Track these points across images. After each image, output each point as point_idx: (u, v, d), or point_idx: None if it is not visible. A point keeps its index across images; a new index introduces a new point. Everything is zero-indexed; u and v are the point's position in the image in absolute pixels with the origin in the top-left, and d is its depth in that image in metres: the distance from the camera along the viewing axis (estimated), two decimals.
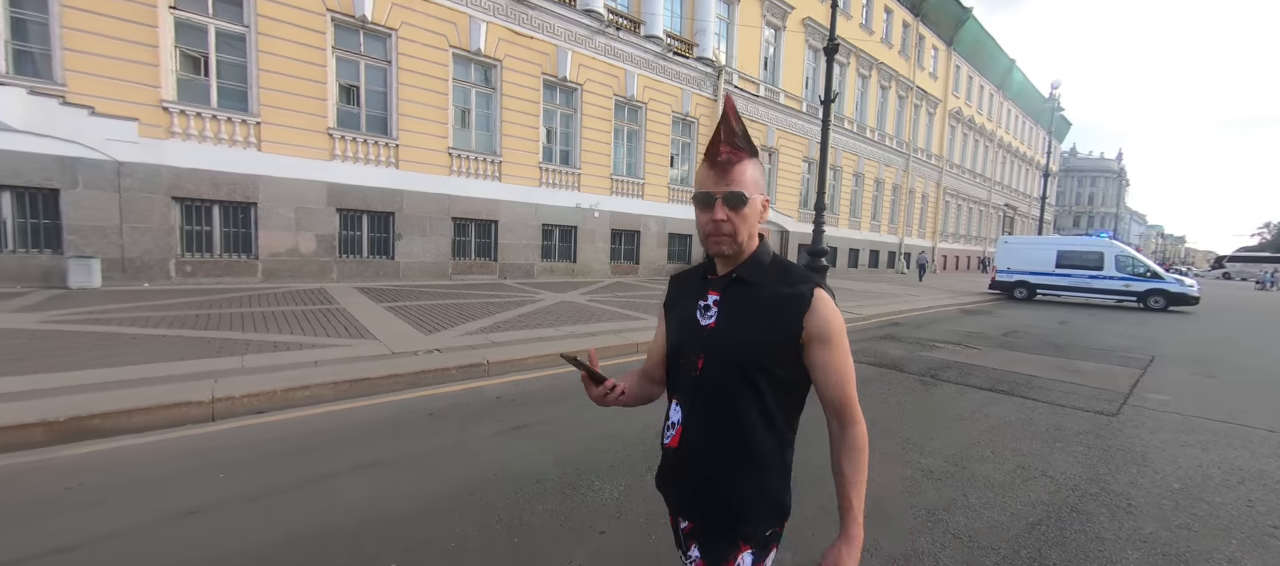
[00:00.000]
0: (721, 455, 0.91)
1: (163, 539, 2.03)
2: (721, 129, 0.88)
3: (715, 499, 0.92)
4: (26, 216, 7.59)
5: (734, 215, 0.88)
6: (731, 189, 0.87)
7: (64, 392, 3.21)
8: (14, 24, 7.42)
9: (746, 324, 0.90)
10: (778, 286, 0.90)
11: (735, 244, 0.90)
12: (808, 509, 2.39)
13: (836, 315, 0.89)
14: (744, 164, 0.88)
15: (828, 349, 0.87)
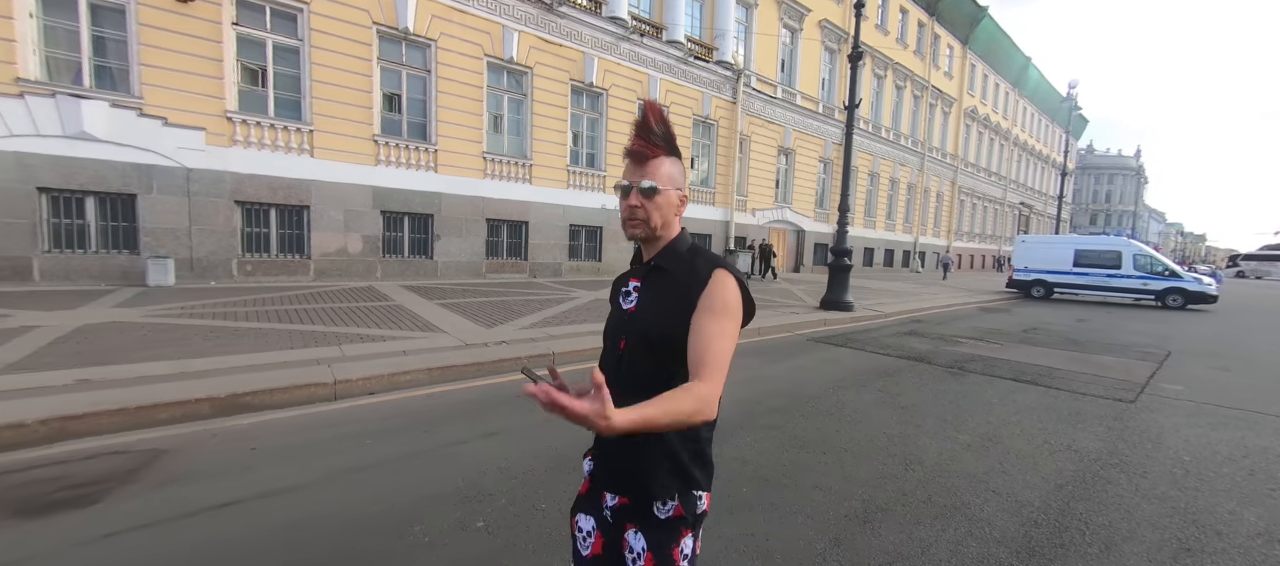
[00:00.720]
0: (634, 433, 0.95)
1: (342, 490, 2.51)
2: (638, 127, 0.96)
3: (635, 471, 0.96)
4: (107, 219, 8.22)
5: (647, 203, 0.96)
6: (645, 180, 0.95)
7: (208, 375, 3.73)
8: (95, 42, 8.03)
9: (659, 306, 0.96)
10: (687, 270, 0.96)
11: (648, 228, 0.97)
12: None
13: (728, 293, 0.92)
14: (660, 160, 0.96)
15: (705, 316, 0.90)
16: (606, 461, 1.01)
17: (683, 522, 0.95)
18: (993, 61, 32.94)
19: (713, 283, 0.92)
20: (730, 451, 3.12)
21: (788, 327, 7.71)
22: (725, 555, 2.05)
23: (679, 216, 1.01)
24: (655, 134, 0.96)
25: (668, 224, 0.99)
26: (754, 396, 4.31)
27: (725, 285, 0.92)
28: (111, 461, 2.66)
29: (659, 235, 0.99)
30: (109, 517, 2.17)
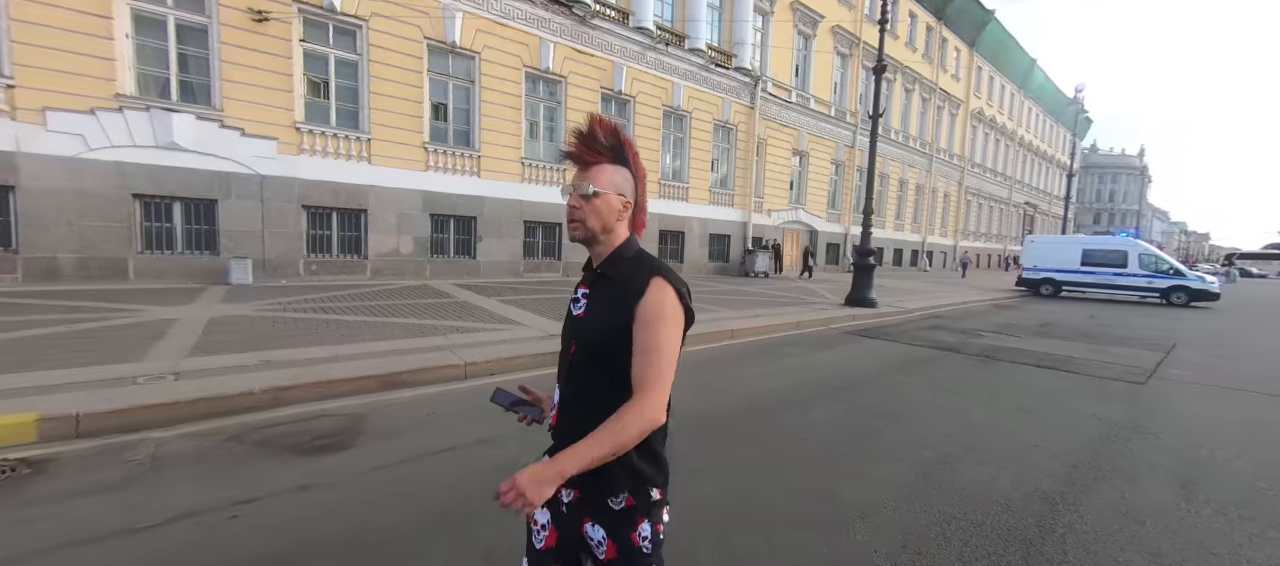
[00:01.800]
0: (588, 431, 0.95)
1: (524, 442, 3.16)
2: (580, 135, 0.99)
3: (589, 471, 0.96)
4: (192, 223, 8.90)
5: (586, 206, 0.98)
6: (584, 183, 0.98)
7: (358, 358, 4.38)
8: (180, 59, 8.70)
9: (603, 313, 0.98)
10: (628, 279, 0.97)
11: (586, 229, 0.99)
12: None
13: (665, 303, 0.94)
14: (601, 166, 0.99)
15: (642, 328, 0.92)
16: None
17: (636, 511, 0.98)
18: (999, 64, 33.53)
19: (649, 293, 0.94)
20: (816, 417, 3.77)
21: (821, 322, 8.35)
22: (843, 485, 2.70)
23: (623, 222, 1.03)
24: (599, 142, 0.99)
25: (609, 229, 1.01)
26: (815, 379, 4.96)
27: (662, 296, 0.94)
28: (331, 421, 3.33)
29: (600, 239, 1.01)
30: (368, 456, 2.83)
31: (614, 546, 0.98)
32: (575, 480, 0.95)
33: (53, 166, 7.64)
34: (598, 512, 0.99)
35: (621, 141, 1.01)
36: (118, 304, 6.27)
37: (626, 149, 1.02)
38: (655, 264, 1.00)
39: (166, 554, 1.97)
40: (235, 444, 2.94)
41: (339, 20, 9.91)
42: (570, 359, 1.02)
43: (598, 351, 0.97)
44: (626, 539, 0.98)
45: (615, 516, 0.98)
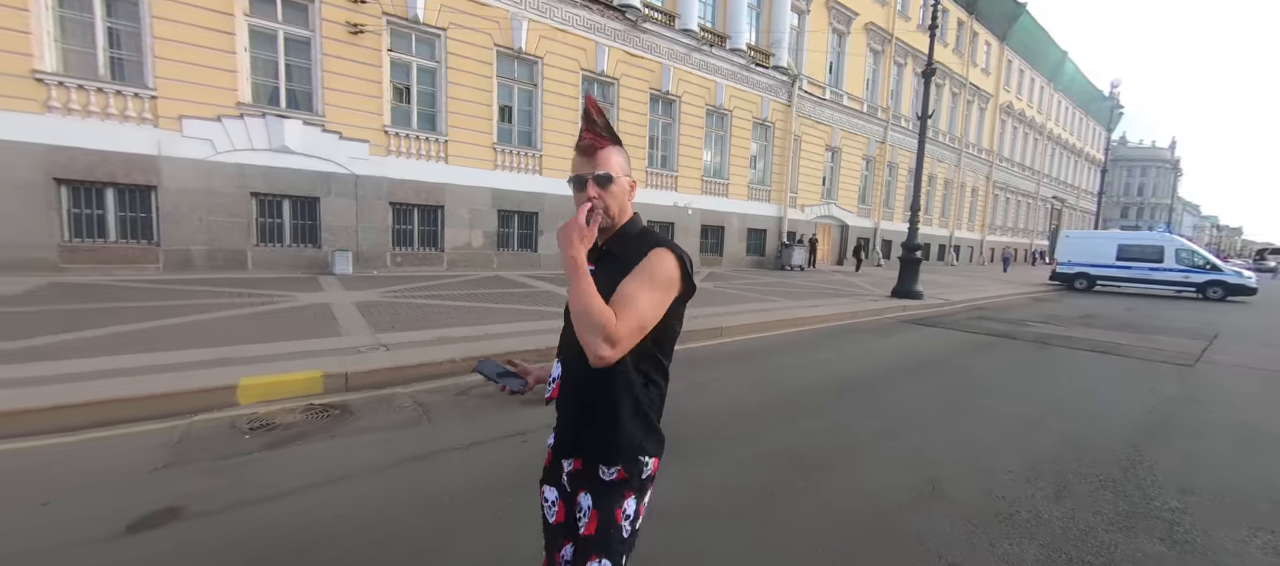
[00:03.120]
0: (588, 400, 1.00)
1: (688, 398, 3.89)
2: (584, 121, 1.00)
3: (588, 438, 1.02)
4: (298, 219, 9.81)
5: (604, 193, 1.00)
6: (599, 170, 0.99)
7: (503, 337, 5.16)
8: (288, 69, 9.57)
9: (609, 288, 0.98)
10: (634, 254, 0.99)
11: (608, 217, 1.02)
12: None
13: (661, 264, 0.97)
14: (608, 150, 1.01)
15: (630, 278, 0.96)
16: (565, 429, 1.07)
17: (626, 485, 1.02)
18: (1029, 57, 33.31)
19: (649, 256, 0.97)
20: (911, 388, 4.46)
21: (875, 312, 8.97)
22: (952, 444, 3.38)
23: (630, 199, 1.06)
24: (598, 125, 1.00)
25: (624, 210, 1.05)
26: (891, 359, 5.63)
27: (661, 260, 0.97)
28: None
29: (614, 221, 1.04)
30: (527, 419, 3.58)
31: (596, 519, 1.01)
32: (576, 448, 1.04)
33: (187, 168, 8.58)
34: (590, 484, 1.03)
35: (608, 121, 1.04)
36: (265, 291, 7.17)
37: (613, 128, 1.05)
38: (659, 237, 1.03)
39: (487, 465, 2.74)
40: (465, 397, 3.73)
41: (421, 30, 10.71)
42: (573, 334, 1.01)
43: None
44: (609, 513, 1.00)
45: (603, 487, 1.01)
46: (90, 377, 3.34)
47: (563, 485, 1.09)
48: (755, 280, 13.02)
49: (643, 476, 1.04)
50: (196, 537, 1.99)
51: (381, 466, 2.67)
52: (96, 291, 6.46)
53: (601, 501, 1.01)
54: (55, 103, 7.60)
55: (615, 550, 1.01)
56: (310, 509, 2.23)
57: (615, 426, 1.00)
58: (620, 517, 1.01)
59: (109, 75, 8.08)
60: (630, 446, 1.01)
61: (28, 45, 7.38)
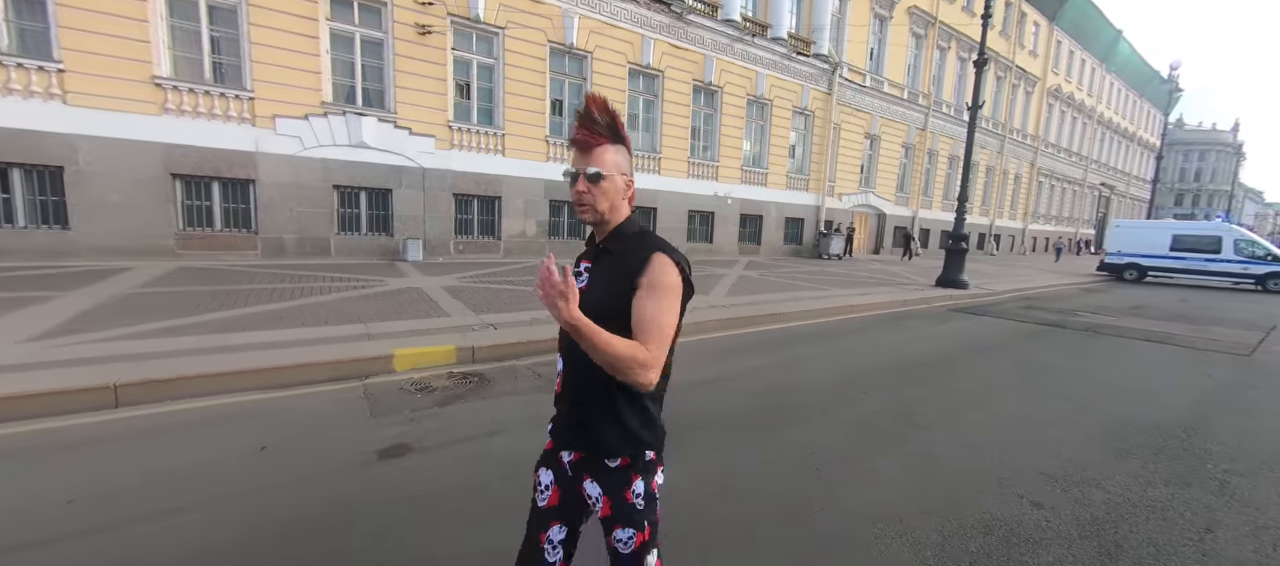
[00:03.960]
0: (588, 397, 1.04)
1: (782, 372, 4.36)
2: (581, 116, 1.01)
3: (586, 431, 1.07)
4: (373, 209, 10.60)
5: (594, 189, 1.02)
6: (590, 167, 1.01)
7: None
8: (363, 69, 10.28)
9: (605, 286, 1.04)
10: (633, 255, 1.02)
11: (596, 213, 1.05)
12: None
13: (667, 274, 0.99)
14: (603, 148, 1.02)
15: (644, 295, 0.98)
16: (566, 423, 1.11)
17: (631, 470, 1.06)
18: (1081, 37, 31.89)
19: (651, 265, 0.99)
20: (972, 369, 4.82)
21: (924, 301, 9.22)
22: (1019, 416, 3.76)
23: (627, 200, 1.08)
24: (598, 122, 1.01)
25: (616, 208, 1.06)
26: (948, 344, 5.96)
27: (664, 268, 0.99)
28: None
29: (608, 219, 1.06)
30: (683, 376, 4.10)
31: (609, 502, 1.06)
32: (576, 442, 1.09)
33: (280, 163, 9.40)
34: (596, 471, 1.07)
35: (614, 119, 1.03)
36: (358, 276, 7.93)
37: (619, 126, 1.04)
38: (657, 240, 1.05)
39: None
40: None
41: (481, 29, 11.27)
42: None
43: (602, 321, 0.98)
44: (620, 495, 1.05)
45: (611, 474, 1.06)
46: (275, 347, 4.03)
47: (562, 471, 1.13)
48: (797, 269, 13.32)
49: (645, 461, 1.08)
50: (432, 463, 2.58)
51: (529, 420, 3.23)
52: (219, 275, 7.31)
53: (611, 488, 1.06)
54: (170, 105, 8.47)
55: (636, 521, 1.06)
56: (495, 448, 2.81)
57: (614, 422, 1.03)
58: (630, 497, 1.06)
59: (213, 79, 8.92)
60: (628, 440, 1.05)
61: (147, 53, 8.23)
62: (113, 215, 8.21)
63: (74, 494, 2.19)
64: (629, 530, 1.05)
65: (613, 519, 1.06)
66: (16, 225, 7.79)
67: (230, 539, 1.94)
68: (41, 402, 2.94)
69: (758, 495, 2.42)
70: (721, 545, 2.01)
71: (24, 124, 7.55)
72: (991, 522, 2.23)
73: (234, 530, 2.00)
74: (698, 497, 2.34)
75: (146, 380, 3.20)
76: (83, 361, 3.46)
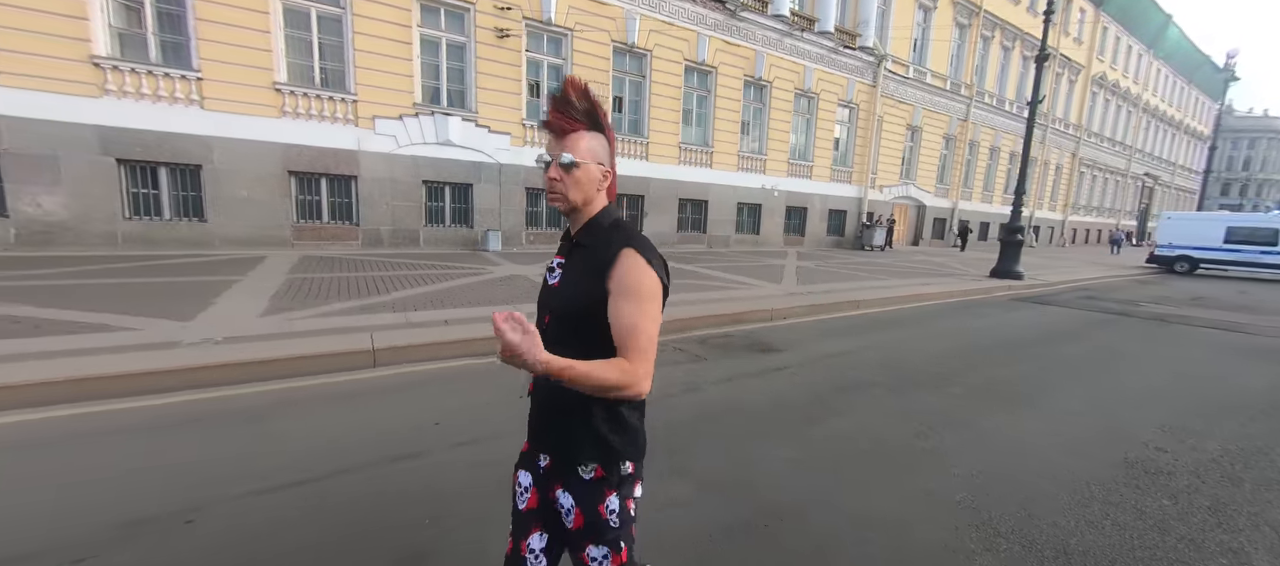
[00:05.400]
0: (560, 400, 0.99)
1: (885, 350, 4.93)
2: (556, 100, 0.96)
3: (558, 436, 1.03)
4: (456, 202, 11.40)
5: (565, 177, 0.96)
6: (563, 153, 0.96)
7: (699, 303, 6.32)
8: (448, 72, 11.01)
9: (577, 284, 0.99)
10: (603, 249, 0.97)
11: (567, 202, 0.99)
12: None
13: (638, 273, 0.94)
14: (578, 134, 0.97)
15: (618, 300, 0.94)
16: (536, 424, 1.08)
17: (605, 483, 1.01)
18: (1127, 22, 31.02)
19: (619, 263, 0.94)
20: (1059, 352, 5.31)
21: (983, 291, 9.61)
22: (1114, 392, 4.25)
23: (603, 191, 1.03)
24: (574, 107, 0.97)
25: (589, 200, 1.01)
26: (1024, 330, 6.43)
27: (633, 266, 0.95)
28: (743, 336, 5.27)
29: (580, 209, 1.01)
30: (786, 357, 4.70)
31: (581, 515, 1.02)
32: (546, 446, 1.05)
33: (378, 161, 10.22)
34: (568, 481, 1.03)
35: (595, 106, 0.99)
36: (459, 265, 8.70)
37: (599, 114, 1.00)
38: (630, 234, 1.00)
39: (757, 387, 3.89)
40: (703, 346, 4.92)
41: (551, 31, 11.89)
42: (543, 328, 1.02)
43: (571, 322, 0.98)
44: (593, 509, 1.01)
45: (584, 485, 1.01)
46: (459, 322, 4.75)
47: (538, 473, 1.09)
48: (846, 259, 13.73)
49: (621, 474, 1.03)
50: (657, 408, 3.24)
51: (720, 380, 3.88)
52: (343, 263, 8.14)
53: (583, 500, 1.02)
54: (288, 108, 9.32)
55: (611, 538, 1.02)
56: (701, 401, 3.45)
57: (587, 426, 1.00)
58: (604, 512, 1.02)
59: (322, 83, 9.74)
60: (603, 449, 1.01)
61: (269, 61, 9.07)
62: (241, 209, 9.13)
63: (439, 417, 2.92)
64: (603, 548, 1.02)
65: (584, 533, 1.02)
66: (163, 218, 8.76)
67: None
68: (322, 362, 3.69)
69: (935, 432, 3.02)
70: (942, 467, 2.62)
71: (169, 127, 8.46)
72: (1129, 460, 2.79)
73: None
74: (900, 443, 2.95)
75: (392, 346, 3.93)
76: (325, 331, 4.22)
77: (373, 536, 1.90)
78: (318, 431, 2.80)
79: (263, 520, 1.98)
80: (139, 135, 8.28)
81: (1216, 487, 2.53)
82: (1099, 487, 2.48)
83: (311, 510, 2.06)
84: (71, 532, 1.87)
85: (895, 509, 2.24)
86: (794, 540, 1.99)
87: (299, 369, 3.63)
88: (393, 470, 2.40)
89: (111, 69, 7.99)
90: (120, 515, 1.98)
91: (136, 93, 8.20)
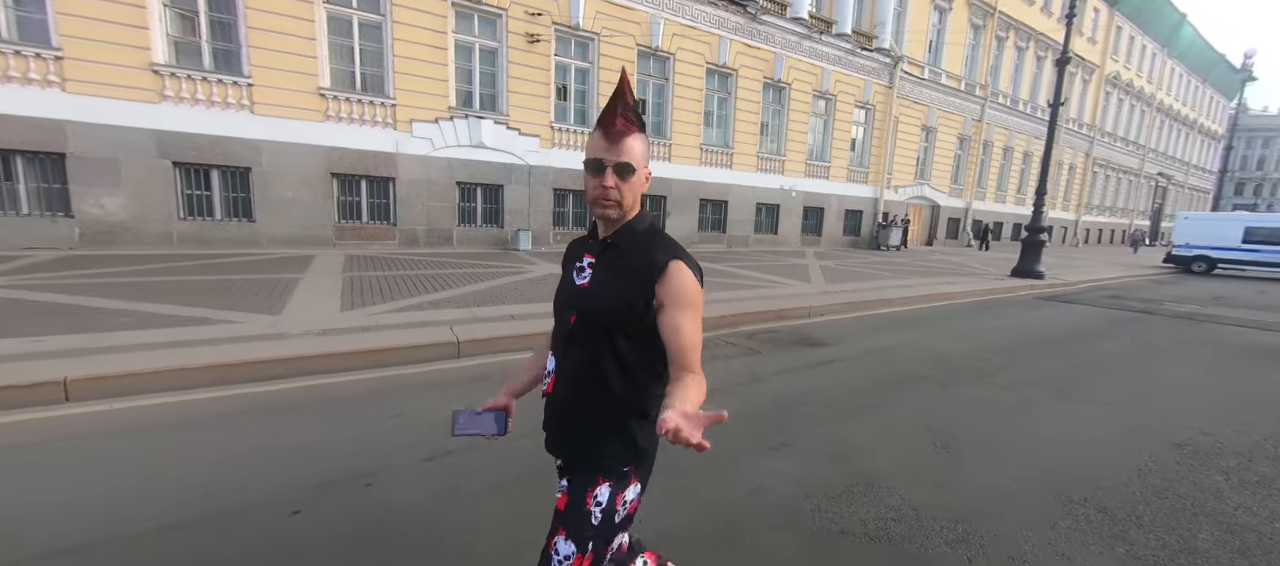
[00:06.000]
0: (583, 401, 1.00)
1: (938, 342, 5.16)
2: (617, 103, 0.94)
3: (578, 439, 1.03)
4: (488, 203, 11.71)
5: (622, 183, 0.95)
6: (621, 159, 0.94)
7: (739, 300, 6.57)
8: (480, 76, 11.32)
9: (611, 286, 0.98)
10: (643, 254, 0.97)
11: (621, 210, 0.98)
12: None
13: (687, 284, 0.95)
14: (634, 137, 0.95)
15: (671, 311, 0.94)
16: (560, 430, 1.09)
17: (600, 472, 1.02)
18: (1141, 21, 30.97)
19: (670, 274, 0.95)
20: (1092, 347, 5.53)
21: (1007, 290, 9.80)
22: (1156, 383, 4.47)
23: (640, 195, 1.02)
24: (632, 109, 0.95)
25: (635, 204, 1.00)
26: (1054, 328, 6.64)
27: (683, 277, 0.95)
28: (789, 331, 5.52)
29: (626, 215, 1.00)
30: (833, 351, 4.95)
31: (566, 500, 1.02)
32: (570, 452, 1.06)
33: (414, 163, 10.54)
34: (572, 469, 1.06)
35: (637, 104, 0.97)
36: (497, 263, 9.00)
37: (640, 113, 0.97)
38: (671, 243, 1.00)
39: (814, 376, 4.15)
40: (752, 341, 5.18)
41: (579, 35, 12.17)
42: (569, 328, 1.02)
43: (600, 320, 0.98)
44: (580, 495, 1.01)
45: (581, 472, 1.03)
46: (519, 318, 5.03)
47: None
48: (865, 259, 13.93)
49: (622, 469, 1.03)
50: (732, 395, 3.51)
51: (779, 371, 4.13)
52: (388, 261, 8.46)
53: (574, 483, 1.02)
54: (331, 112, 9.65)
55: (585, 534, 0.98)
56: (769, 390, 3.71)
57: (617, 431, 1.00)
58: (590, 501, 1.00)
59: (362, 88, 10.06)
60: (629, 451, 1.02)
61: (314, 67, 9.41)
62: (286, 209, 9.47)
63: (530, 402, 3.19)
64: (571, 545, 0.99)
65: (562, 519, 1.02)
66: (215, 218, 9.11)
67: None
68: (414, 353, 3.98)
69: (994, 418, 3.26)
70: (1009, 447, 2.87)
71: (221, 131, 8.81)
72: (1179, 443, 3.03)
73: None
74: (965, 426, 3.20)
75: (472, 338, 4.22)
76: (408, 325, 4.51)
77: (533, 498, 2.17)
78: (437, 413, 3.08)
79: (431, 485, 2.26)
80: (193, 139, 8.63)
81: (1264, 465, 2.77)
82: (1155, 465, 2.72)
83: (466, 478, 2.34)
84: (281, 491, 2.16)
85: (975, 479, 2.50)
86: (890, 502, 2.25)
87: (394, 359, 3.92)
88: (521, 446, 2.67)
89: (169, 75, 8.35)
90: (311, 478, 2.27)
91: (191, 98, 8.55)
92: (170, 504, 2.05)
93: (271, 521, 1.97)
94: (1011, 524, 2.13)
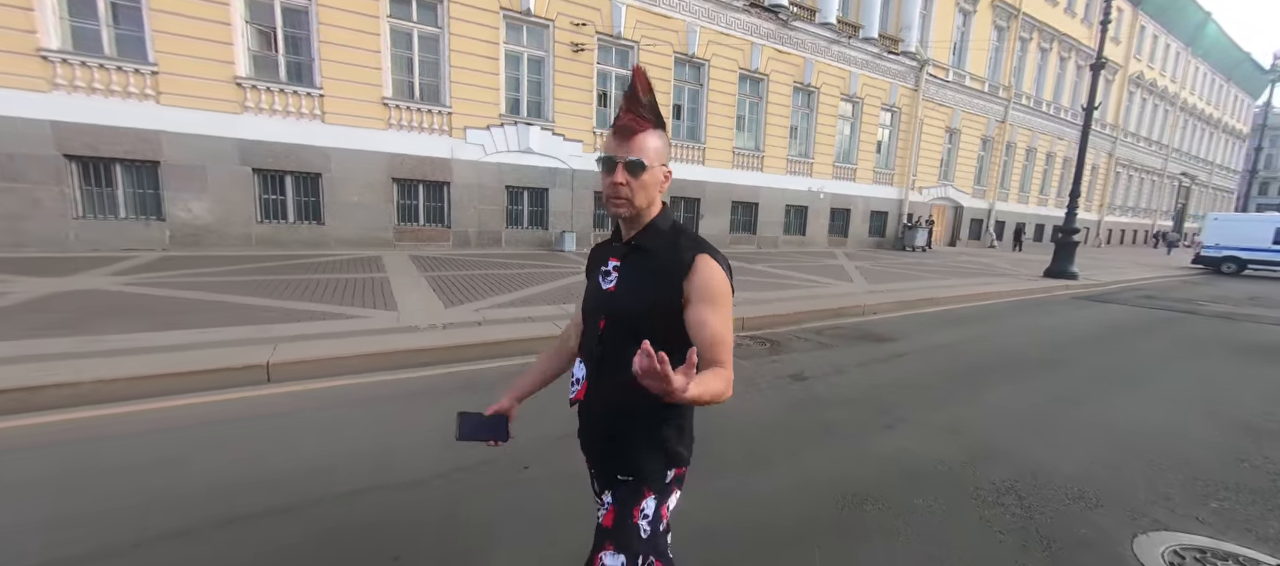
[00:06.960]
0: (618, 409, 0.98)
1: (984, 342, 5.51)
2: (627, 98, 0.93)
3: (614, 447, 1.01)
4: (534, 206, 12.19)
5: (633, 180, 0.93)
6: (631, 155, 0.92)
7: (791, 300, 6.95)
8: (527, 84, 11.80)
9: (639, 288, 0.97)
10: (669, 252, 0.96)
11: (632, 207, 0.95)
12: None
13: (716, 280, 0.93)
14: (646, 133, 0.93)
15: (700, 307, 0.92)
16: (589, 435, 1.09)
17: (646, 484, 1.00)
18: (1165, 20, 30.77)
19: (697, 269, 0.93)
20: (1141, 343, 5.84)
21: (1044, 290, 10.06)
22: (1211, 375, 4.79)
23: (663, 192, 0.99)
24: (643, 105, 0.93)
25: (652, 202, 0.98)
26: (1097, 326, 6.94)
27: (711, 272, 0.94)
28: (852, 327, 5.89)
29: (642, 213, 0.98)
30: (898, 346, 5.31)
31: (613, 514, 1.00)
32: (608, 464, 1.04)
33: (468, 168, 11.05)
34: (611, 482, 1.04)
35: (655, 99, 0.96)
36: (548, 264, 9.46)
37: (658, 108, 0.96)
38: (697, 239, 0.99)
39: (920, 366, 4.52)
40: (819, 336, 5.56)
41: (619, 43, 12.62)
42: (599, 335, 1.02)
43: (630, 324, 0.96)
44: (627, 511, 0.99)
45: (625, 486, 1.01)
46: None
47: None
48: (894, 259, 14.21)
49: (665, 481, 1.02)
50: (826, 383, 3.90)
51: (857, 364, 4.51)
52: (450, 262, 8.95)
53: (620, 498, 1.01)
54: (392, 120, 10.18)
55: (633, 548, 0.98)
56: (855, 380, 4.10)
57: (655, 439, 0.99)
58: (638, 516, 0.99)
59: (420, 97, 10.58)
60: (668, 459, 1.01)
61: (379, 78, 9.94)
62: (352, 213, 10.01)
63: None
64: (619, 557, 0.98)
65: (608, 534, 1.01)
66: (288, 221, 9.67)
67: (764, 414, 3.30)
68: (528, 345, 4.42)
69: (1070, 405, 3.63)
70: (1093, 428, 3.24)
71: (295, 139, 9.36)
72: (1248, 426, 3.37)
73: (766, 411, 3.36)
74: (1048, 411, 3.57)
75: None
76: (511, 320, 4.96)
77: None
78: (561, 400, 3.50)
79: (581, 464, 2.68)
80: (270, 147, 9.20)
81: None
82: (1230, 443, 3.08)
83: None
84: (445, 460, 2.53)
85: (1074, 450, 2.87)
86: (1010, 467, 2.63)
87: (513, 349, 4.36)
88: None
89: (250, 87, 8.91)
90: (469, 457, 2.52)
91: (269, 109, 9.11)
92: (425, 457, 2.48)
93: (506, 477, 2.40)
94: (1119, 484, 2.51)
